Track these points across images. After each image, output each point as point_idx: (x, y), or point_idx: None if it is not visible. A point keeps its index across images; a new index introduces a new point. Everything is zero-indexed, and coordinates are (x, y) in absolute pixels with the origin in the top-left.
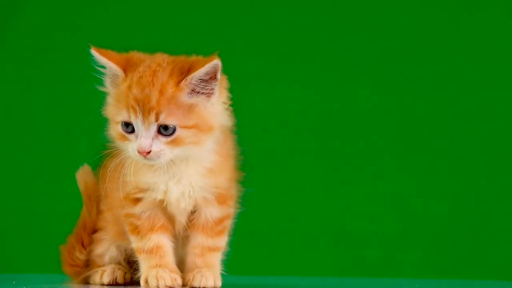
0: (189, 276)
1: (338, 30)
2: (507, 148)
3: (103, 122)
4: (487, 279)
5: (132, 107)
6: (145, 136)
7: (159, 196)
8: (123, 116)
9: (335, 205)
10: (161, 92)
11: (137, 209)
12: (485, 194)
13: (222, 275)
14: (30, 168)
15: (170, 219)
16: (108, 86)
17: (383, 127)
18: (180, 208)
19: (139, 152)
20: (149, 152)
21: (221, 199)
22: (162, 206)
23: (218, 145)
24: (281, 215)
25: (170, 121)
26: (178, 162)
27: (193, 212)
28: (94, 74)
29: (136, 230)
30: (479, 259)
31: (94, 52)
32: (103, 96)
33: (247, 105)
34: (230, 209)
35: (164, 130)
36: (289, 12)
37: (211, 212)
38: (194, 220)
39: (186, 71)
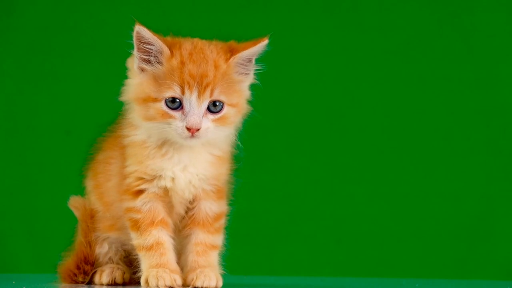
0: (192, 275)
1: (338, 29)
2: (507, 148)
3: (102, 121)
4: (487, 279)
5: (188, 82)
6: (197, 113)
7: (168, 184)
8: (173, 92)
9: (335, 205)
10: (216, 67)
11: (138, 201)
12: (485, 194)
13: (222, 275)
14: (30, 168)
15: (169, 210)
16: (142, 65)
17: (383, 127)
18: (184, 197)
19: (188, 129)
20: (198, 130)
21: (219, 194)
22: (163, 197)
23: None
24: (281, 215)
25: (221, 97)
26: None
27: (191, 208)
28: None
29: (136, 225)
30: (479, 259)
31: (141, 28)
32: (102, 96)
33: (249, 103)
34: (225, 206)
35: (213, 106)
36: (289, 11)
37: (211, 207)
38: (194, 215)
39: (233, 49)
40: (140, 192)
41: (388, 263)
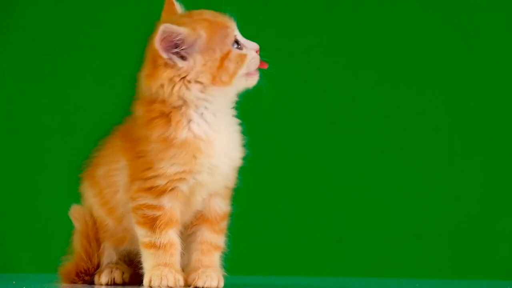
0: (194, 275)
1: (338, 29)
2: (507, 148)
3: (102, 122)
4: (487, 279)
5: None
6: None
7: (206, 178)
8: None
9: (335, 205)
10: None
11: (165, 200)
12: (485, 194)
13: (222, 275)
14: (30, 168)
15: (185, 209)
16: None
17: (383, 127)
18: (213, 190)
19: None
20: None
21: (227, 192)
22: (187, 196)
23: None
24: (281, 215)
25: None
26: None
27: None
28: None
29: (151, 223)
30: (479, 259)
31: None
32: (102, 96)
33: (249, 103)
34: (229, 206)
35: None
36: (289, 11)
37: (220, 204)
38: (203, 212)
39: None
40: (171, 190)
41: (388, 263)
